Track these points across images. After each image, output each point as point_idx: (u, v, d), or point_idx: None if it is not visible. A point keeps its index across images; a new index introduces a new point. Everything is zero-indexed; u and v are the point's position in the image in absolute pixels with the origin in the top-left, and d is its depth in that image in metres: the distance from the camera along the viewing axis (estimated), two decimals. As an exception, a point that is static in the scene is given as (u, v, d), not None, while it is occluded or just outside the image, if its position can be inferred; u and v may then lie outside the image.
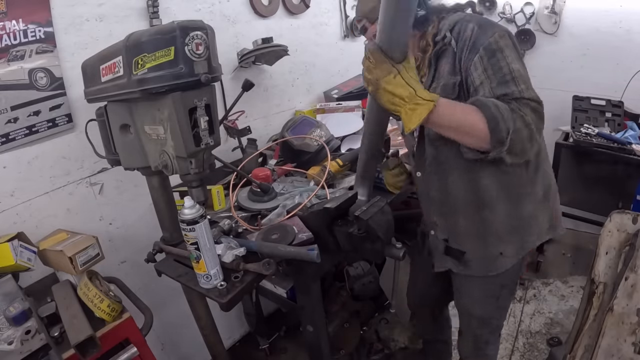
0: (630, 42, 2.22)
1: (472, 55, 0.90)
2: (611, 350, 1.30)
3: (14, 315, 1.00)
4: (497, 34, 0.89)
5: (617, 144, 1.97)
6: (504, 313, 1.30)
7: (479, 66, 0.89)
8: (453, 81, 0.96)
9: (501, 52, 0.88)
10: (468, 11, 1.02)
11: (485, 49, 0.89)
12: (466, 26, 0.93)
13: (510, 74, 0.87)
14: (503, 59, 0.88)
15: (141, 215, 1.51)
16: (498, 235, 1.08)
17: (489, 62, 0.88)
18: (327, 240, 1.05)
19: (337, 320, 1.67)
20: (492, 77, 0.88)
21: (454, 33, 0.95)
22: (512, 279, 1.19)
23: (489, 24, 0.92)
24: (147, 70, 0.82)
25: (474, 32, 0.91)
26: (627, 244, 1.45)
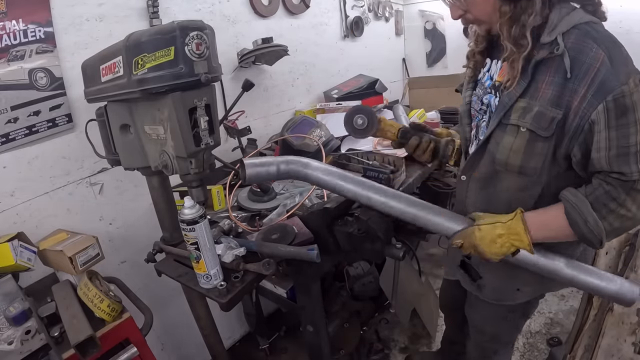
0: (630, 42, 2.18)
1: (596, 101, 0.71)
2: (611, 350, 1.30)
3: (14, 315, 1.00)
4: (632, 79, 0.71)
5: (617, 144, 1.97)
6: (515, 332, 1.24)
7: (602, 121, 0.72)
8: (552, 115, 0.77)
9: (633, 110, 0.71)
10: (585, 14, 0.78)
11: (617, 100, 0.70)
12: (590, 47, 0.72)
13: (636, 147, 0.72)
14: (634, 122, 0.71)
15: (141, 215, 1.51)
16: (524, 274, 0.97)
17: (617, 122, 0.71)
18: (327, 240, 1.05)
19: (337, 320, 1.67)
20: (614, 144, 0.72)
21: (569, 44, 0.73)
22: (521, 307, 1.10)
23: (620, 57, 0.72)
24: (147, 70, 0.82)
25: (602, 65, 0.71)
26: (627, 244, 1.45)
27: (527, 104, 0.80)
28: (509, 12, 0.77)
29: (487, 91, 0.92)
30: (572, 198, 0.78)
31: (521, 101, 0.81)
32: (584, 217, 0.76)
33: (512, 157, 0.84)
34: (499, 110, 0.86)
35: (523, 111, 0.80)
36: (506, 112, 0.84)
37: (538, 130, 0.79)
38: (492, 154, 0.89)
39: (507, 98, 0.83)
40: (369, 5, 2.57)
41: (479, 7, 0.82)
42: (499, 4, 0.78)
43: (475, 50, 0.96)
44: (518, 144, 0.82)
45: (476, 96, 0.96)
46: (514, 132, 0.82)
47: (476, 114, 0.97)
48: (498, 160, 0.88)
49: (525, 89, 0.80)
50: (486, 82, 0.94)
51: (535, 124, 0.79)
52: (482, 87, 0.95)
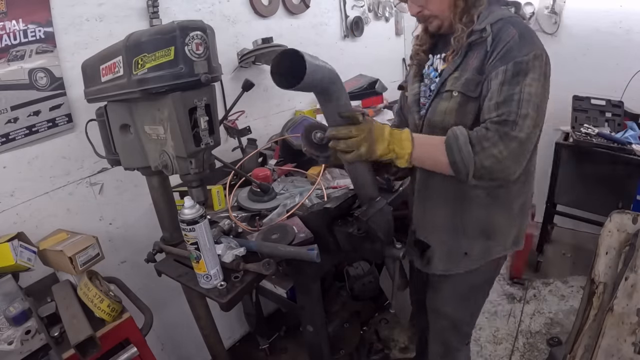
0: (630, 42, 2.22)
1: (500, 63, 0.89)
2: (611, 350, 1.30)
3: (14, 315, 1.00)
4: (533, 53, 0.87)
5: (617, 144, 1.97)
6: (473, 319, 1.29)
7: (500, 77, 0.88)
8: (478, 80, 0.94)
9: (526, 74, 0.87)
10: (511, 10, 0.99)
11: (515, 64, 0.87)
12: (508, 29, 0.90)
13: (520, 95, 0.86)
14: (524, 81, 0.86)
15: (141, 215, 1.51)
16: (466, 234, 1.09)
17: (511, 80, 0.87)
18: (327, 240, 1.05)
19: (337, 320, 1.67)
20: (503, 93, 0.87)
21: (494, 30, 0.92)
22: (481, 282, 1.19)
23: (529, 38, 0.89)
24: (147, 70, 0.82)
25: (512, 40, 0.89)
26: (627, 244, 1.44)
27: (459, 75, 0.97)
28: (462, 6, 0.95)
29: (434, 81, 1.06)
30: (456, 130, 0.89)
31: (455, 73, 0.98)
32: (459, 146, 0.87)
33: (447, 119, 0.98)
34: (437, 84, 1.02)
35: (455, 80, 0.97)
36: (442, 83, 1.00)
37: (467, 92, 0.95)
38: (431, 123, 1.03)
39: (445, 73, 0.99)
40: (369, 5, 2.57)
41: (437, 4, 0.96)
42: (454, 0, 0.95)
43: (419, 50, 1.10)
44: (451, 106, 0.98)
45: (425, 86, 1.09)
46: (448, 97, 0.98)
47: (426, 101, 1.08)
48: (433, 122, 1.02)
49: (458, 65, 0.97)
50: (431, 73, 1.07)
51: (465, 87, 0.95)
52: (429, 78, 1.08)
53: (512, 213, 1.08)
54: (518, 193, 1.06)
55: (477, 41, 0.95)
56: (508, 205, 1.07)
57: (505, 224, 1.09)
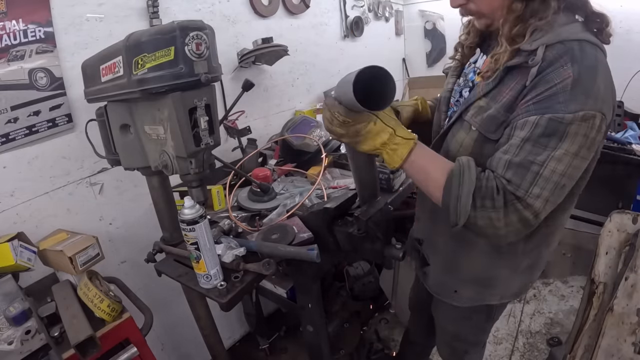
0: (630, 42, 2.23)
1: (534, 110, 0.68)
2: (611, 350, 1.30)
3: (14, 315, 1.00)
4: (583, 113, 0.65)
5: (617, 144, 1.97)
6: (481, 334, 1.20)
7: (526, 130, 0.69)
8: (503, 120, 0.74)
9: (561, 139, 0.66)
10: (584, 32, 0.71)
11: (551, 120, 0.66)
12: (562, 65, 0.66)
13: (540, 167, 0.68)
14: (554, 148, 0.67)
15: (141, 215, 1.51)
16: (461, 275, 1.01)
17: (538, 139, 0.68)
18: (327, 240, 1.05)
19: (337, 320, 1.67)
20: (522, 153, 0.69)
21: (547, 58, 0.68)
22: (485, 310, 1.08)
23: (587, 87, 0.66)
24: (147, 70, 0.82)
25: (562, 84, 0.66)
26: (627, 244, 1.45)
27: (486, 104, 0.78)
28: (519, 11, 0.72)
29: (469, 84, 0.90)
30: (466, 170, 0.72)
31: (482, 100, 0.79)
32: (460, 193, 0.72)
33: (461, 153, 0.83)
34: (462, 104, 0.85)
35: (478, 110, 0.79)
36: (467, 107, 0.83)
37: (486, 133, 0.78)
38: (447, 144, 0.88)
39: (472, 95, 0.82)
40: (369, 5, 2.57)
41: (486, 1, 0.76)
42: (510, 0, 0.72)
43: (464, 44, 0.92)
44: (467, 141, 0.82)
45: (458, 86, 0.93)
46: (467, 129, 0.82)
47: (454, 105, 0.94)
48: (450, 153, 0.87)
49: (491, 90, 0.78)
50: (470, 74, 0.91)
51: (484, 126, 0.78)
52: (465, 78, 0.92)
53: (518, 269, 0.96)
54: (528, 252, 0.92)
55: (521, 66, 0.72)
56: (513, 262, 0.94)
57: (506, 278, 0.97)
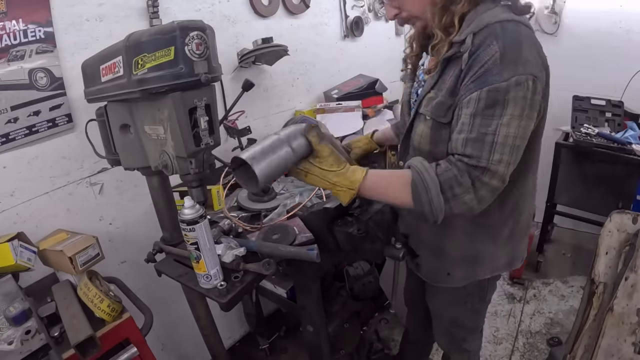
0: (630, 42, 2.23)
1: (474, 88, 0.75)
2: (611, 350, 1.30)
3: (14, 315, 1.00)
4: (515, 78, 0.72)
5: (617, 144, 1.97)
6: (477, 317, 1.24)
7: (472, 106, 0.75)
8: (449, 104, 0.83)
9: (503, 106, 0.73)
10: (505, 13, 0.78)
11: (490, 92, 0.73)
12: (489, 45, 0.74)
13: (493, 136, 0.74)
14: (500, 115, 0.73)
15: (141, 215, 1.51)
16: (449, 258, 1.05)
17: (483, 111, 0.74)
18: (327, 240, 1.05)
19: (337, 320, 1.67)
20: (475, 128, 0.75)
21: (475, 42, 0.76)
22: (477, 290, 1.13)
23: (514, 57, 0.73)
24: (147, 70, 0.82)
25: (492, 60, 0.73)
26: (627, 244, 1.45)
27: (434, 95, 0.86)
28: (440, 2, 0.80)
29: (421, 84, 0.97)
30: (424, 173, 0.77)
31: (431, 92, 0.88)
32: (430, 197, 0.76)
33: (422, 143, 0.91)
34: (417, 101, 0.94)
35: (428, 101, 0.88)
36: (420, 102, 0.91)
37: (437, 117, 0.85)
38: (411, 139, 0.97)
39: (423, 90, 0.91)
40: (369, 5, 2.57)
41: (412, 2, 0.85)
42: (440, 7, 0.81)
43: (409, 55, 1.02)
44: (425, 131, 0.90)
45: (414, 89, 1.02)
46: (424, 120, 0.90)
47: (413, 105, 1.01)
48: (414, 147, 0.96)
49: (435, 82, 0.86)
50: (420, 75, 0.99)
51: (435, 112, 0.86)
52: (418, 80, 1.00)
53: (499, 240, 1.02)
54: (505, 220, 0.99)
55: (456, 55, 0.80)
56: (493, 233, 1.00)
57: (491, 250, 1.03)
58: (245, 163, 0.77)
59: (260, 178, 0.76)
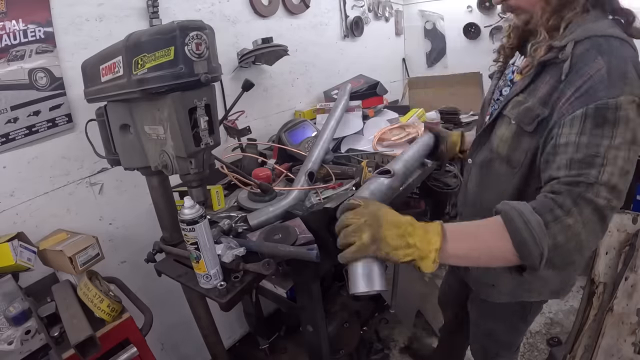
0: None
1: (578, 105, 0.69)
2: (611, 350, 1.30)
3: (14, 315, 1.00)
4: (624, 96, 0.66)
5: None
6: (515, 334, 1.19)
7: (576, 126, 0.68)
8: (538, 113, 0.77)
9: (614, 126, 0.66)
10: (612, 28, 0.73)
11: (598, 109, 0.66)
12: (594, 58, 0.69)
13: (603, 157, 0.65)
14: (610, 137, 0.66)
15: (141, 215, 1.51)
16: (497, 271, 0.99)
17: (592, 131, 0.67)
18: (327, 240, 1.05)
19: (337, 320, 1.67)
20: (581, 148, 0.67)
21: (576, 53, 0.71)
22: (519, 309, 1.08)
23: (623, 74, 0.67)
24: (147, 70, 0.82)
25: (597, 75, 0.67)
26: (627, 244, 1.45)
27: (523, 99, 0.82)
28: (555, 3, 0.77)
29: (508, 84, 0.95)
30: (516, 205, 0.68)
31: (520, 95, 0.84)
32: (525, 218, 0.64)
33: (501, 146, 0.88)
34: (503, 100, 0.91)
35: (516, 104, 0.84)
36: (506, 103, 0.88)
37: (522, 124, 0.81)
38: (490, 141, 0.94)
39: (511, 91, 0.88)
40: (369, 5, 2.57)
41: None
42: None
43: (505, 46, 0.97)
44: (507, 134, 0.86)
45: (499, 87, 0.99)
46: (507, 123, 0.86)
47: (493, 103, 1.00)
48: (493, 147, 0.93)
49: (527, 85, 0.82)
50: (509, 74, 0.96)
51: (520, 117, 0.81)
52: (505, 79, 0.97)
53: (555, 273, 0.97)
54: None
55: (553, 61, 0.76)
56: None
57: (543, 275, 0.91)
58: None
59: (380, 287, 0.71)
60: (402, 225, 0.69)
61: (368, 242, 0.68)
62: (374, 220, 0.69)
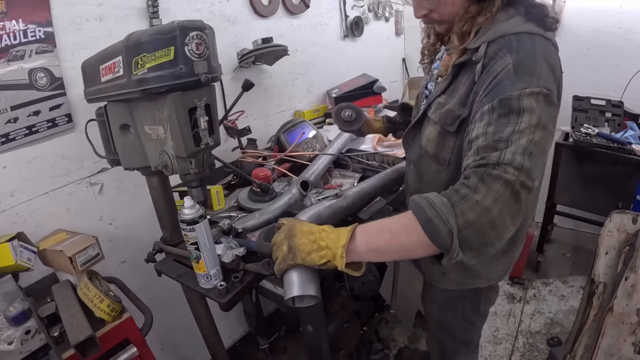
0: (630, 42, 2.23)
1: (487, 101, 0.71)
2: (611, 350, 1.30)
3: (14, 315, 1.00)
4: (528, 89, 0.68)
5: (617, 144, 1.97)
6: (469, 328, 1.19)
7: (485, 118, 0.71)
8: (458, 114, 0.80)
9: (519, 114, 0.68)
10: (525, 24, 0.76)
11: (502, 101, 0.69)
12: (502, 56, 0.72)
13: (507, 141, 0.67)
14: (515, 123, 0.68)
15: (141, 215, 1.51)
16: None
17: (497, 120, 0.69)
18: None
19: (337, 320, 1.67)
20: (488, 137, 0.69)
21: (489, 53, 0.74)
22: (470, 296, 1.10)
23: (528, 70, 0.70)
24: (147, 70, 0.82)
25: (504, 72, 0.70)
26: (627, 244, 1.45)
27: (444, 101, 0.86)
28: (475, 12, 0.79)
29: (433, 79, 0.98)
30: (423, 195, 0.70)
31: (441, 97, 0.87)
32: (430, 201, 0.66)
33: (429, 145, 0.92)
34: (426, 102, 0.93)
35: (438, 106, 0.87)
36: (429, 105, 0.91)
37: (444, 125, 0.85)
38: (420, 138, 0.97)
39: (433, 93, 0.91)
40: (369, 5, 2.57)
41: (448, 8, 0.82)
42: (468, 4, 0.80)
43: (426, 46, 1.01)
44: (433, 134, 0.90)
45: (427, 81, 1.02)
46: (433, 124, 0.90)
47: (423, 98, 1.02)
48: (422, 145, 0.95)
49: (447, 87, 0.86)
50: (435, 69, 0.98)
51: (443, 120, 0.85)
52: (432, 73, 1.00)
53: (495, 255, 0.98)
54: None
55: (468, 63, 0.79)
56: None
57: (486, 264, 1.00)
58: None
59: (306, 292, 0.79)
60: (315, 232, 0.76)
61: (286, 252, 0.77)
62: (290, 233, 0.78)
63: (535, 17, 0.78)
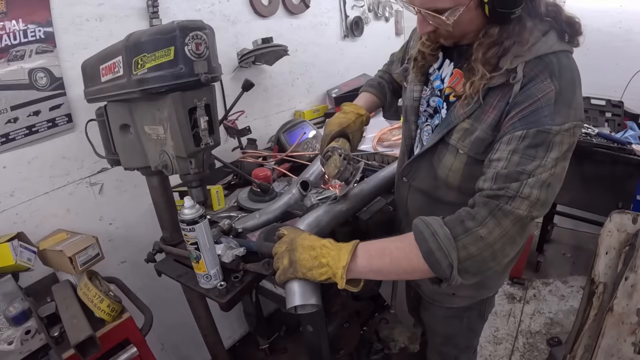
0: (630, 42, 2.23)
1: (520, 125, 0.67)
2: (611, 350, 1.30)
3: (14, 315, 1.00)
4: (567, 125, 0.66)
5: (617, 144, 1.97)
6: (472, 336, 1.19)
7: (512, 144, 0.68)
8: (492, 140, 0.74)
9: (548, 148, 0.66)
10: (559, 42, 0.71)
11: (538, 133, 0.66)
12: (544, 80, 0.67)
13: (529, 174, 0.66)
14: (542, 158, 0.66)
15: (141, 215, 1.51)
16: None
17: (524, 151, 0.66)
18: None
19: (337, 320, 1.67)
20: (510, 165, 0.67)
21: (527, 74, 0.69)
22: (477, 307, 1.10)
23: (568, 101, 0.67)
24: (147, 70, 0.82)
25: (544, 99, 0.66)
26: (627, 244, 1.45)
27: (470, 126, 0.77)
28: (495, 36, 0.71)
29: (436, 94, 0.88)
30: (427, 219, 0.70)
31: (465, 122, 0.77)
32: (433, 229, 0.66)
33: (451, 177, 0.83)
34: (442, 127, 0.82)
35: (464, 133, 0.78)
36: (449, 130, 0.80)
37: (476, 155, 0.77)
38: (434, 168, 0.87)
39: (454, 117, 0.80)
40: (369, 5, 2.57)
41: (462, 27, 0.73)
42: (486, 26, 0.72)
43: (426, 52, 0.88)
44: (457, 165, 0.81)
45: (426, 96, 0.91)
46: (454, 153, 0.81)
47: (421, 115, 0.92)
48: (439, 177, 0.87)
49: (474, 111, 0.76)
50: (435, 81, 0.88)
51: (474, 149, 0.77)
52: (431, 86, 0.89)
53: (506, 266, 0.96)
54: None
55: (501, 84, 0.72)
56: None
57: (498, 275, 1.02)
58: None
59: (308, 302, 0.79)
60: (316, 248, 0.75)
61: (287, 266, 0.76)
62: (291, 247, 0.77)
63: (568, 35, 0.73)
